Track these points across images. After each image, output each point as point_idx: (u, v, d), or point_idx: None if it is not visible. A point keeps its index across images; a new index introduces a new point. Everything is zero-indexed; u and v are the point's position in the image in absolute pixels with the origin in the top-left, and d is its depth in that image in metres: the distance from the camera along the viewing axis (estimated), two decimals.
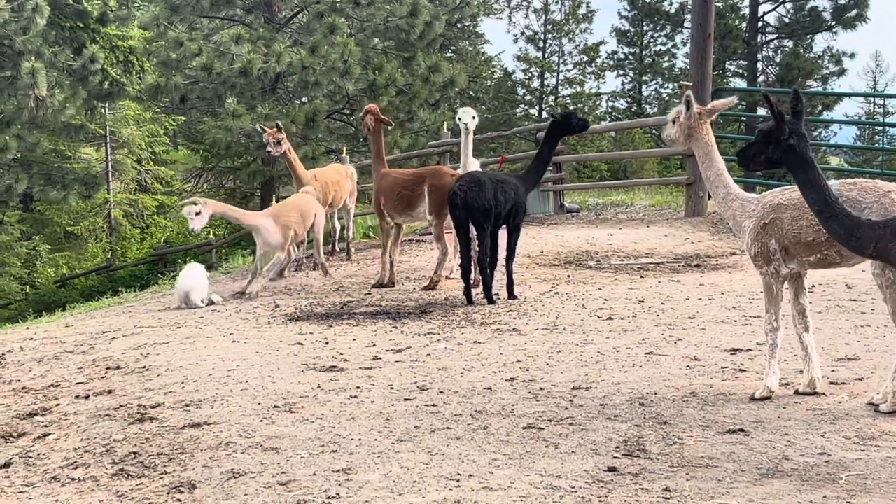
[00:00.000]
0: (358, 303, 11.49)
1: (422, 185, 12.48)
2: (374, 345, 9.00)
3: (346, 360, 8.35)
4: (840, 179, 6.37)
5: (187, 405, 7.01)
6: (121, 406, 7.15)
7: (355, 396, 7.01)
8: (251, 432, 6.17)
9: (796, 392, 6.61)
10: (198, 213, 12.34)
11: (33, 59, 25.03)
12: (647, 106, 54.57)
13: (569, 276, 12.83)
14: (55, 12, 27.89)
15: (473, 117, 12.98)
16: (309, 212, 13.55)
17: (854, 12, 42.99)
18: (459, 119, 12.89)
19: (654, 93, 55.73)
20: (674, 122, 7.09)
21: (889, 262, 5.41)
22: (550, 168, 22.13)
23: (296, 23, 29.31)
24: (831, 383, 6.83)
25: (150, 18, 26.73)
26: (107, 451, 6.06)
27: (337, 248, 17.07)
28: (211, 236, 31.81)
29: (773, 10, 45.41)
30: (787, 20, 45.45)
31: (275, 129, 15.04)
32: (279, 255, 13.08)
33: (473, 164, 13.18)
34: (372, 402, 6.84)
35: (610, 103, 56.32)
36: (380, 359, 8.34)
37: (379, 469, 5.34)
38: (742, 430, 5.80)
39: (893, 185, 6.20)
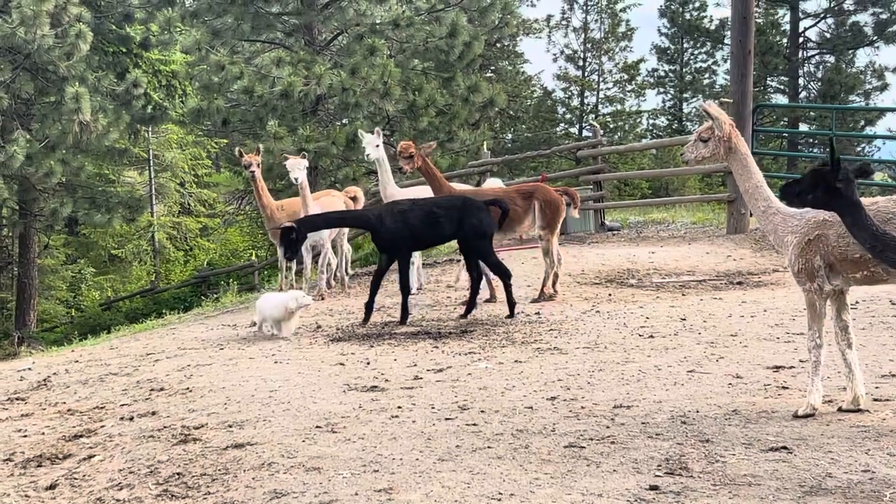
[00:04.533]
0: (399, 323, 11.51)
1: (530, 200, 12.71)
2: (416, 364, 9.02)
3: (387, 380, 8.37)
4: (885, 197, 6.34)
5: (230, 426, 7.06)
6: (164, 427, 7.21)
7: (396, 416, 7.03)
8: (293, 452, 6.20)
9: (840, 409, 6.57)
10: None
11: (77, 84, 25.28)
12: (687, 123, 54.28)
13: (610, 295, 12.81)
14: (98, 38, 28.19)
15: (377, 146, 13.41)
16: None
17: None
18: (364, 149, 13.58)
19: (694, 110, 55.46)
20: (704, 141, 7.05)
21: None
22: (590, 187, 22.17)
23: (336, 45, 29.43)
24: (875, 400, 6.77)
25: (191, 43, 26.92)
26: (151, 472, 6.11)
27: (337, 275, 16.41)
28: (253, 258, 31.99)
29: (814, 25, 45.10)
30: (828, 35, 45.12)
31: (253, 154, 15.14)
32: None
33: (395, 191, 13.53)
34: (413, 421, 6.86)
35: (651, 121, 56.15)
36: (421, 378, 8.36)
37: (420, 489, 5.35)
38: (785, 448, 5.76)
39: None
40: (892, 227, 5.97)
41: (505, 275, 11.70)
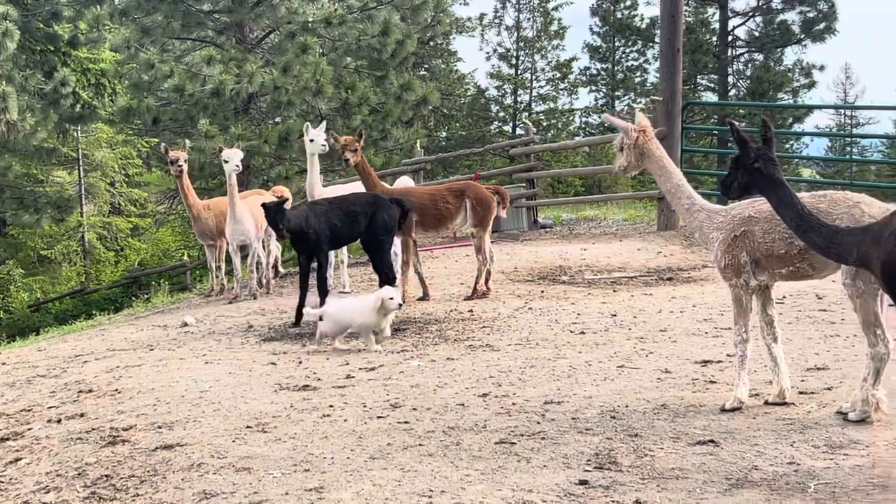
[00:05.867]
0: None
1: (461, 198, 12.75)
2: (348, 363, 9.01)
3: (319, 379, 8.35)
4: (811, 192, 6.44)
5: (159, 427, 7.00)
6: (93, 429, 7.13)
7: (328, 415, 7.01)
8: (223, 453, 6.17)
9: (766, 402, 6.66)
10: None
11: (4, 83, 24.95)
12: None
13: (542, 292, 12.87)
14: (25, 36, 27.81)
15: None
16: None
17: (823, 25, 43.27)
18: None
19: (627, 108, 55.91)
20: (621, 150, 7.12)
21: (871, 268, 5.46)
22: (523, 184, 22.26)
23: (267, 43, 29.27)
24: (801, 393, 6.88)
25: (121, 41, 26.63)
26: (79, 474, 6.05)
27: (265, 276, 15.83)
28: (185, 258, 31.72)
29: (743, 24, 45.65)
30: (756, 34, 45.69)
31: (179, 150, 15.03)
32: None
33: (322, 191, 13.66)
34: (345, 420, 6.85)
35: (583, 119, 56.52)
36: (353, 377, 8.35)
37: (351, 487, 5.34)
38: (712, 441, 5.84)
39: (863, 195, 6.28)
40: None
41: (393, 278, 11.77)
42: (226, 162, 13.89)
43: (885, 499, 4.78)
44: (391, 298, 9.65)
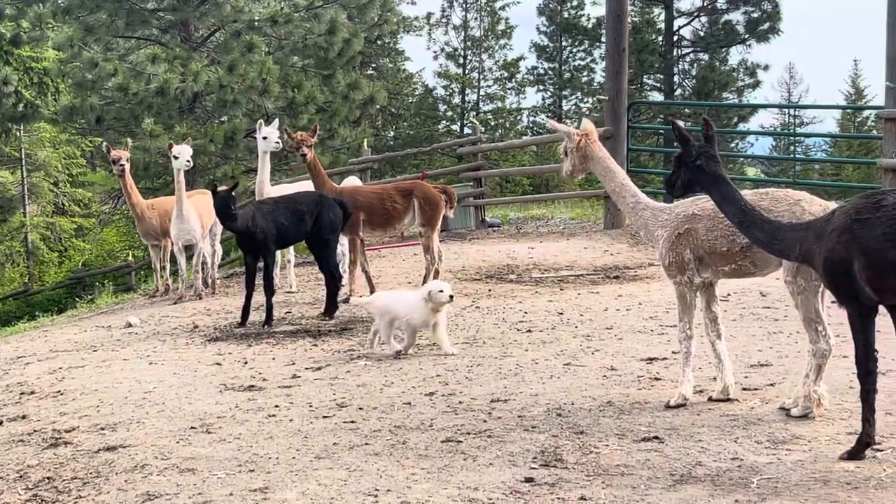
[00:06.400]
0: (278, 321, 11.42)
1: (409, 198, 12.71)
2: (294, 363, 8.96)
3: (264, 379, 8.31)
4: (753, 190, 6.50)
5: (102, 429, 6.93)
6: (35, 431, 7.06)
7: (273, 415, 6.98)
8: (167, 454, 6.12)
9: (710, 399, 6.72)
10: None
11: None
12: (567, 120, 54.65)
13: (490, 290, 12.88)
14: None
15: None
16: None
17: (767, 25, 43.78)
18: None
19: (574, 107, 56.18)
20: (566, 155, 7.18)
21: (812, 264, 5.52)
22: (471, 184, 22.28)
23: (213, 42, 29.12)
24: (744, 389, 6.94)
25: (64, 39, 26.38)
26: (20, 476, 5.98)
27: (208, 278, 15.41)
28: (130, 258, 31.42)
29: (689, 24, 46.08)
30: (702, 34, 46.13)
31: (122, 149, 14.91)
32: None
33: (271, 190, 13.59)
34: (290, 420, 6.82)
35: (531, 118, 56.71)
36: (299, 377, 8.31)
37: (296, 487, 5.32)
38: (657, 438, 5.88)
39: (804, 193, 6.35)
40: None
41: (339, 277, 11.75)
42: (175, 158, 13.74)
43: (826, 493, 4.83)
44: (440, 291, 8.80)
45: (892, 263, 5.03)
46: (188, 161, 13.77)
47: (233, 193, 11.17)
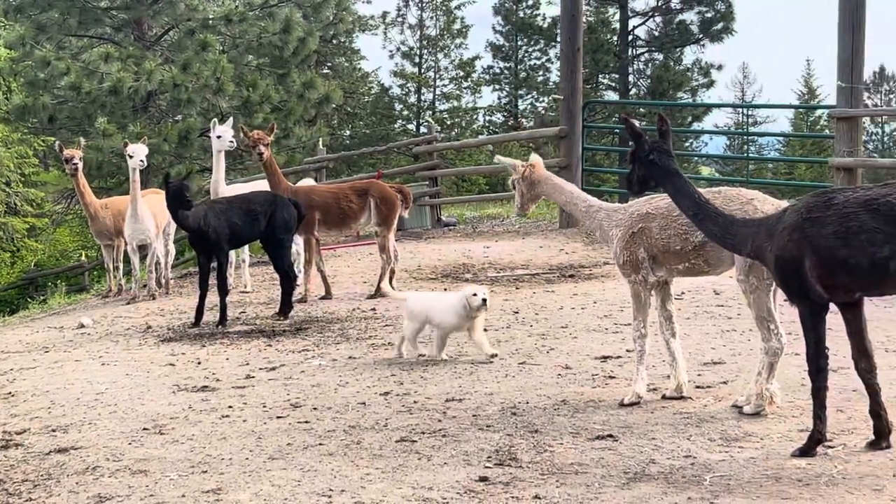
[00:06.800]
0: (232, 322, 11.36)
1: (365, 197, 12.69)
2: (248, 363, 8.92)
3: (218, 379, 8.26)
4: (705, 189, 6.54)
5: (54, 430, 6.87)
6: None
7: (227, 416, 6.95)
8: (119, 456, 6.07)
9: (664, 397, 6.76)
10: None
11: None
12: (523, 119, 55.00)
13: (445, 290, 12.86)
14: None
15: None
16: None
17: (721, 25, 44.06)
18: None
19: (530, 106, 56.32)
20: (514, 187, 7.37)
21: (764, 261, 5.56)
22: (426, 183, 22.26)
23: (167, 40, 28.91)
24: (697, 387, 6.98)
25: (15, 38, 26.12)
26: None
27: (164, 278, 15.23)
28: (83, 258, 31.15)
29: (643, 24, 46.27)
30: (656, 34, 46.37)
31: (75, 148, 14.77)
32: None
33: (226, 189, 13.51)
34: (244, 421, 6.79)
35: (487, 117, 56.74)
36: (253, 377, 8.27)
37: (250, 488, 5.29)
38: (611, 436, 5.90)
39: (756, 192, 6.41)
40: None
41: (294, 277, 11.72)
42: (130, 157, 13.58)
43: (778, 490, 4.86)
44: (474, 295, 8.41)
45: (842, 261, 5.08)
46: (143, 160, 13.64)
47: (186, 182, 11.11)
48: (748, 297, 6.23)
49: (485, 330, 9.62)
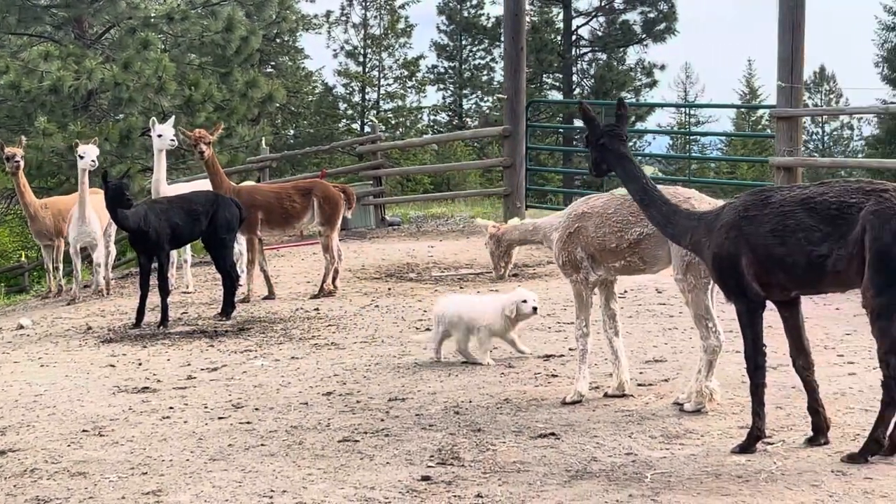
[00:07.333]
0: (174, 322, 11.27)
1: (308, 197, 12.65)
2: (189, 364, 8.85)
3: (159, 380, 8.19)
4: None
5: None
6: None
7: (168, 417, 6.90)
8: (58, 458, 6.01)
9: (606, 395, 6.79)
10: None
11: None
12: (467, 119, 55.20)
13: (389, 289, 12.86)
14: None
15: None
16: None
17: (663, 25, 44.50)
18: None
19: (474, 106, 56.48)
20: (491, 253, 7.63)
21: (701, 256, 5.62)
22: (370, 182, 22.22)
23: (108, 39, 28.67)
24: (639, 385, 7.03)
25: None
26: None
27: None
28: (23, 259, 30.76)
29: (587, 23, 46.59)
30: (600, 34, 46.71)
31: (16, 146, 14.59)
32: None
33: (167, 189, 13.45)
34: (185, 422, 6.75)
35: (431, 117, 56.81)
36: (194, 378, 8.22)
37: (190, 490, 5.26)
38: (553, 434, 5.92)
39: (693, 191, 6.48)
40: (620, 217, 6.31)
41: (236, 277, 11.68)
42: (81, 157, 13.33)
43: (718, 486, 4.90)
44: (524, 301, 8.04)
45: (778, 260, 5.13)
46: (94, 161, 13.42)
47: (125, 181, 11.03)
48: (686, 296, 6.28)
49: (428, 329, 9.63)
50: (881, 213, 4.89)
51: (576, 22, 46.02)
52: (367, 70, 54.54)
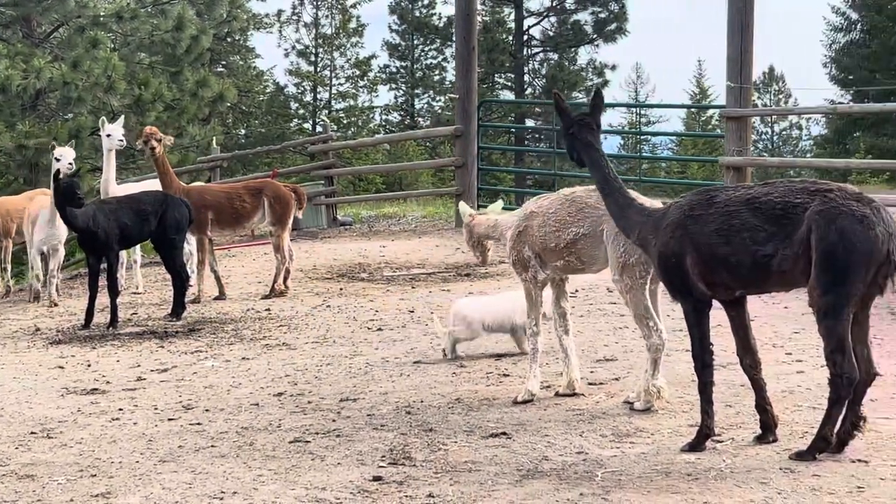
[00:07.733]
0: (124, 323, 11.18)
1: (259, 197, 12.61)
2: (139, 365, 8.80)
3: (108, 382, 8.13)
4: (584, 186, 6.65)
5: None
6: None
7: (117, 419, 6.86)
8: (6, 460, 5.95)
9: (557, 394, 6.82)
10: None
11: None
12: (419, 119, 55.22)
13: (341, 289, 12.85)
14: None
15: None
16: None
17: (614, 26, 44.71)
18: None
19: (426, 106, 56.50)
20: (468, 243, 7.63)
21: (648, 253, 5.67)
22: (322, 182, 22.17)
23: (56, 37, 28.35)
24: (590, 384, 7.07)
25: None
26: None
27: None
28: None
29: (538, 24, 46.71)
30: (551, 34, 46.84)
31: None
32: None
33: (117, 189, 13.32)
34: (134, 423, 6.71)
35: (383, 116, 56.76)
36: (144, 379, 8.17)
37: (140, 491, 5.23)
38: (504, 434, 5.94)
39: (635, 192, 6.52)
40: (584, 215, 6.33)
41: (186, 278, 11.71)
42: (57, 160, 12.93)
43: (668, 484, 4.94)
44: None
45: (723, 259, 5.19)
46: (70, 164, 13.05)
47: (76, 180, 10.95)
48: (624, 297, 6.34)
49: (380, 329, 9.64)
50: (827, 212, 4.95)
51: (527, 22, 46.12)
52: (318, 69, 54.40)
